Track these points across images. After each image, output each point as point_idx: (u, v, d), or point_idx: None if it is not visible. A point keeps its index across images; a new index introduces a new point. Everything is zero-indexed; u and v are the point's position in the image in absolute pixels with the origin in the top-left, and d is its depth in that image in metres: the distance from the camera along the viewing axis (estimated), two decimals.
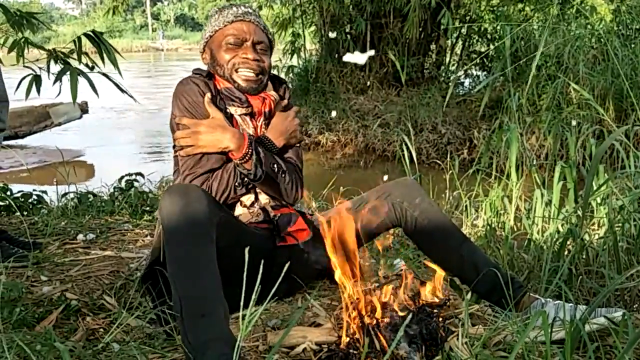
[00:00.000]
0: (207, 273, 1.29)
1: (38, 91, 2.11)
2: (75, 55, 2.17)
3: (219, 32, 1.69)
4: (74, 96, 2.00)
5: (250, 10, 1.71)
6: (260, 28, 1.70)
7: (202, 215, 1.31)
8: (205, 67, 1.76)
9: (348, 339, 1.30)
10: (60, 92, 2.06)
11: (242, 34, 1.66)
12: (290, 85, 1.93)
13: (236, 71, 1.66)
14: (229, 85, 1.68)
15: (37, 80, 2.13)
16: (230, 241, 1.40)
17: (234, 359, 1.07)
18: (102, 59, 2.16)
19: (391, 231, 2.68)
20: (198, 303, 1.25)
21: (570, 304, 1.55)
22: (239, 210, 1.66)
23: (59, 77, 2.04)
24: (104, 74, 2.09)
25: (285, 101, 1.80)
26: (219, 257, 1.32)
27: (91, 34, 2.13)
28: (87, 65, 2.14)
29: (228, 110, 1.66)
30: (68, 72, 2.03)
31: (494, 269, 1.62)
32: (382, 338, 1.25)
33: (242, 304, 1.00)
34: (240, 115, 1.67)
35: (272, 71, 1.79)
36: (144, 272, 1.54)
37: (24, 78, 2.10)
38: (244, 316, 1.00)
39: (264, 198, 1.69)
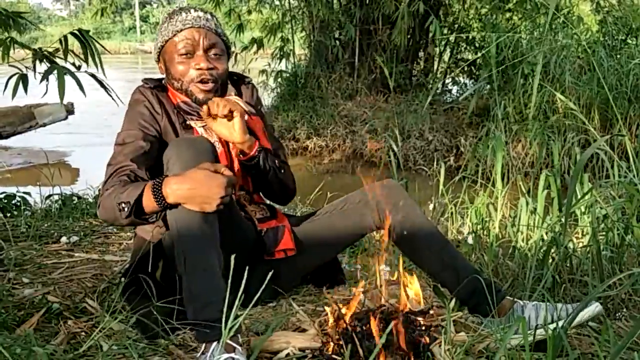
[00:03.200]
0: (209, 227, 1.33)
1: (25, 90, 2.08)
2: (61, 55, 2.15)
3: (169, 42, 1.62)
4: (62, 95, 1.97)
5: (201, 14, 1.63)
6: (212, 32, 1.62)
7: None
8: (160, 75, 1.71)
9: (331, 345, 1.30)
10: (47, 91, 2.04)
11: (193, 42, 1.59)
12: (254, 85, 1.86)
13: (192, 83, 1.60)
14: (185, 99, 1.63)
15: (23, 79, 2.11)
16: (221, 217, 1.40)
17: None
18: (87, 58, 2.13)
19: (377, 235, 2.68)
20: (200, 258, 1.31)
21: (547, 303, 1.56)
22: None
23: (45, 76, 2.02)
24: (90, 74, 2.07)
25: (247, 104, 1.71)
26: None
27: (77, 32, 2.11)
28: (73, 64, 2.12)
29: (188, 123, 1.62)
30: (55, 71, 2.01)
31: (474, 273, 1.62)
32: (365, 345, 1.25)
33: (225, 309, 1.00)
34: (201, 126, 1.62)
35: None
36: (126, 280, 1.54)
37: (10, 77, 2.08)
38: (227, 319, 0.99)
39: (251, 208, 1.68)
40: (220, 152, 1.61)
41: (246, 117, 1.64)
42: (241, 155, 1.61)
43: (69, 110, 7.59)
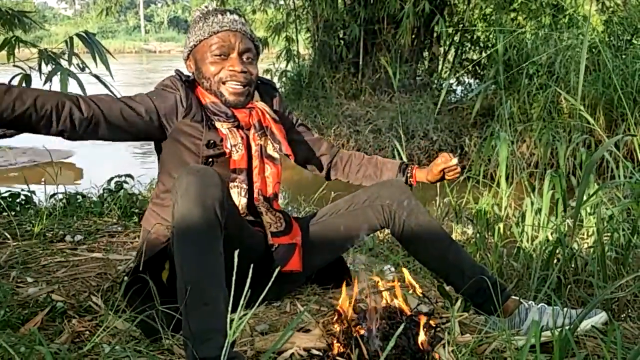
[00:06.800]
0: (214, 260, 1.29)
1: None
2: (66, 56, 2.16)
3: (203, 42, 1.60)
4: None
5: (237, 18, 1.63)
6: (247, 37, 1.62)
7: (217, 201, 1.30)
8: (187, 72, 1.69)
9: (337, 347, 1.30)
10: None
11: (229, 45, 1.58)
12: (279, 91, 1.87)
13: (223, 84, 1.59)
14: (214, 100, 1.61)
15: (27, 79, 2.11)
16: (228, 234, 1.38)
17: (222, 356, 1.06)
18: (95, 60, 2.14)
19: (380, 235, 2.68)
20: (202, 291, 1.26)
21: (554, 307, 1.56)
22: None
23: (49, 78, 2.02)
24: (95, 76, 2.07)
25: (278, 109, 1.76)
26: None
27: (83, 34, 2.12)
28: (78, 66, 2.12)
29: (214, 124, 1.59)
30: (59, 73, 2.02)
31: (479, 271, 1.62)
32: (370, 347, 1.25)
33: (230, 307, 1.00)
34: (227, 128, 1.60)
35: (265, 75, 1.77)
36: (129, 280, 1.53)
37: (13, 77, 2.08)
38: (232, 320, 0.99)
39: (267, 219, 1.65)
40: (242, 156, 1.59)
41: (274, 125, 1.66)
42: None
43: None
